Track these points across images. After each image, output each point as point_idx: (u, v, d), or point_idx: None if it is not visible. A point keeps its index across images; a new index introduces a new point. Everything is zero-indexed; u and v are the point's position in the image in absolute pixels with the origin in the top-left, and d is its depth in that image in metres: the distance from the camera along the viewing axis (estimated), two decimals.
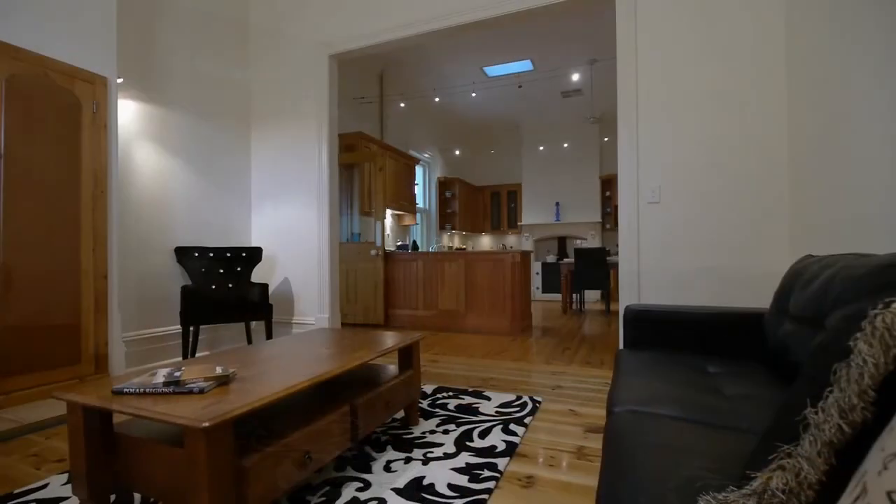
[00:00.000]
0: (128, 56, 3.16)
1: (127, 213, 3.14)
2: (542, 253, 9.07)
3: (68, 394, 1.20)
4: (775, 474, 0.57)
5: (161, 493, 1.16)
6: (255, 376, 1.36)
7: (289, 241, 4.08)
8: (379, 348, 1.78)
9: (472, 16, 3.33)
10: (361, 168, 5.55)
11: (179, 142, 3.54)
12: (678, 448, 0.90)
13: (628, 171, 2.92)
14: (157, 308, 3.35)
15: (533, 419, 2.13)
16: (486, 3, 3.26)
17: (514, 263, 4.54)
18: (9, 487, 1.55)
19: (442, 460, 1.67)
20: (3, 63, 2.27)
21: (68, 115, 2.54)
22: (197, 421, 0.98)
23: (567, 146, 8.65)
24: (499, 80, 6.87)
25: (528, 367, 3.19)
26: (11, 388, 2.27)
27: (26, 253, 2.34)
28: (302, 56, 4.02)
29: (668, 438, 0.95)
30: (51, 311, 2.44)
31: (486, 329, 4.65)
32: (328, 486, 1.49)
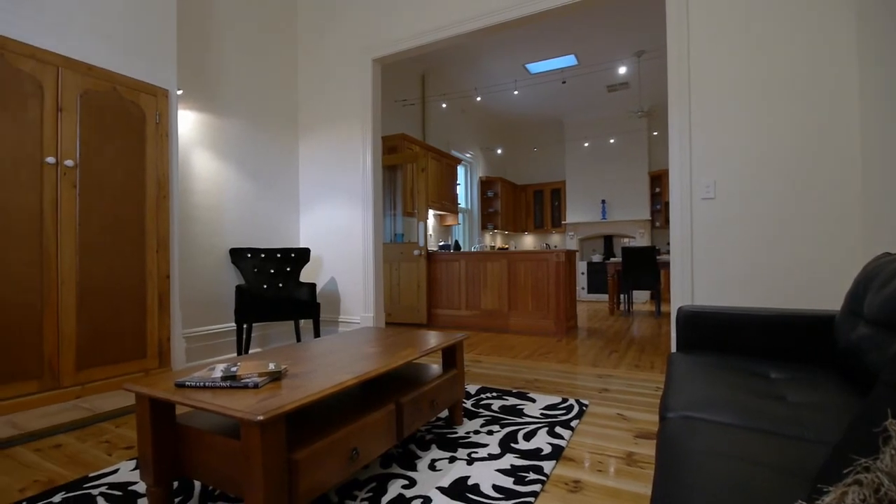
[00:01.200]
0: (186, 69, 3.36)
1: (186, 217, 3.34)
2: (587, 252, 8.85)
3: (136, 386, 1.28)
4: (851, 489, 0.52)
5: (219, 481, 1.22)
6: (305, 373, 1.40)
7: (335, 242, 4.19)
8: (423, 348, 1.79)
9: (513, 13, 3.29)
10: (404, 169, 5.62)
11: (232, 148, 3.72)
12: (739, 457, 0.85)
13: (680, 166, 2.80)
14: (213, 306, 3.54)
15: (579, 423, 2.08)
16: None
17: (559, 263, 4.45)
18: (84, 471, 1.68)
19: (486, 461, 1.66)
20: (78, 80, 2.46)
21: (134, 126, 2.73)
22: (252, 414, 1.02)
23: (613, 142, 8.39)
24: (541, 77, 6.77)
25: (574, 369, 3.12)
26: (86, 380, 2.47)
27: (99, 255, 2.53)
28: (346, 61, 4.12)
29: (727, 447, 0.90)
30: (120, 310, 2.63)
31: (529, 330, 4.59)
32: (374, 481, 1.52)
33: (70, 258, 2.41)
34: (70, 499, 1.46)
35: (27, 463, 1.75)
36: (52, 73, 2.36)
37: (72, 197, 2.42)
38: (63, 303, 2.37)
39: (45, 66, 2.34)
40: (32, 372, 2.26)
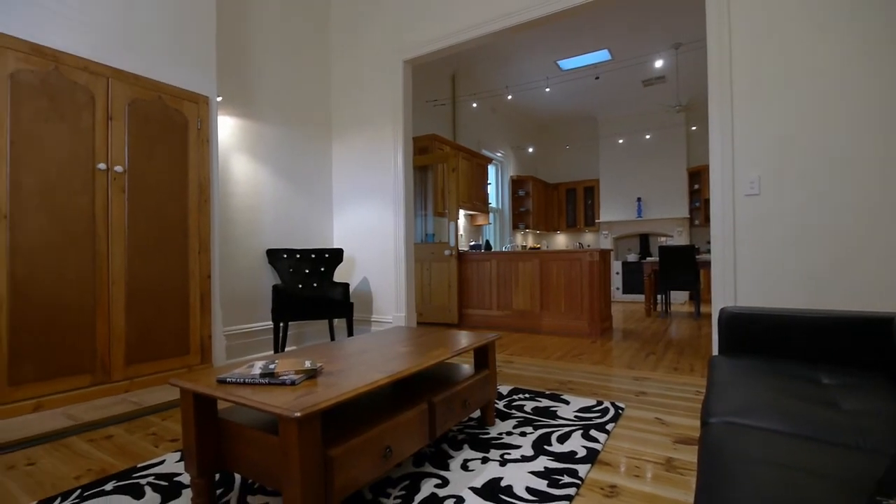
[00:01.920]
0: (225, 77, 3.48)
1: (225, 219, 3.46)
2: (622, 251, 8.64)
3: (181, 381, 1.33)
4: None
5: (258, 475, 1.26)
6: (340, 371, 1.43)
7: (367, 242, 4.25)
8: (455, 347, 1.79)
9: (545, 9, 3.25)
10: (435, 169, 5.64)
11: (269, 152, 3.83)
12: (789, 466, 0.81)
13: (721, 161, 2.69)
14: (251, 305, 3.66)
15: (615, 426, 2.03)
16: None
17: (593, 262, 4.36)
18: (133, 461, 1.77)
19: (520, 463, 1.65)
20: (126, 90, 2.59)
21: (177, 133, 2.85)
22: (290, 411, 1.05)
23: (649, 137, 8.16)
24: (574, 73, 6.66)
25: (609, 371, 3.05)
26: (134, 375, 2.59)
27: (145, 256, 2.66)
28: (377, 64, 4.17)
29: (775, 455, 0.86)
30: (165, 308, 2.75)
31: (562, 330, 4.52)
32: (407, 479, 1.53)
33: (120, 259, 2.54)
34: (120, 487, 1.53)
35: (81, 452, 1.85)
36: (102, 84, 2.49)
37: (121, 201, 2.55)
38: (113, 301, 2.50)
39: (97, 77, 2.47)
40: (86, 367, 2.39)
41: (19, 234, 2.18)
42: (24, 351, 2.18)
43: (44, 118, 2.27)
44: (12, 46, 2.18)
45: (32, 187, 2.23)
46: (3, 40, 2.15)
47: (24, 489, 1.55)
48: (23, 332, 2.18)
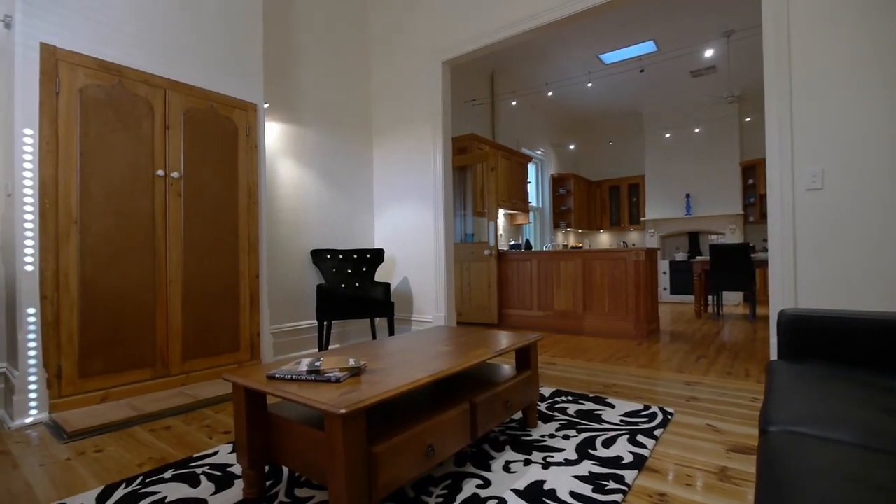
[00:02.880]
0: (271, 84, 3.62)
1: (272, 221, 3.60)
2: (669, 250, 8.32)
3: (234, 377, 1.39)
4: None
5: (304, 468, 1.29)
6: (382, 369, 1.45)
7: (407, 243, 4.29)
8: (496, 348, 1.78)
9: (585, 3, 3.17)
10: (474, 169, 5.63)
11: (313, 155, 3.95)
12: (857, 480, 0.75)
13: (780, 154, 2.53)
14: (296, 304, 3.78)
15: (664, 432, 1.95)
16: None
17: (638, 262, 4.22)
18: (189, 451, 1.86)
19: (563, 466, 1.61)
20: (181, 100, 2.74)
21: (228, 139, 2.98)
22: (335, 407, 1.07)
23: (699, 131, 7.81)
24: (617, 67, 6.47)
25: (656, 374, 2.94)
26: (190, 370, 2.74)
27: (199, 257, 2.80)
28: (416, 66, 4.21)
29: (843, 468, 0.80)
30: (218, 307, 2.89)
31: (606, 332, 4.40)
32: (449, 479, 1.53)
33: (177, 259, 2.69)
34: (178, 476, 1.62)
35: (143, 441, 1.97)
36: (160, 95, 2.65)
37: (177, 205, 2.70)
38: (171, 300, 2.65)
39: (155, 89, 2.63)
40: (147, 361, 2.55)
41: (88, 237, 2.35)
42: (93, 346, 2.35)
43: (109, 129, 2.44)
44: (82, 63, 2.35)
45: (99, 193, 2.40)
46: (74, 58, 2.32)
47: (92, 474, 1.67)
48: (91, 328, 2.35)
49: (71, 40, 2.33)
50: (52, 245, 2.24)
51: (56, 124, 2.26)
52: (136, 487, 1.54)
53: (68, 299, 2.28)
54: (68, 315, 2.27)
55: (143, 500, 1.45)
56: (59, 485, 1.59)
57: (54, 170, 2.25)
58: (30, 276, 2.18)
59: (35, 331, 2.18)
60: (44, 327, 2.20)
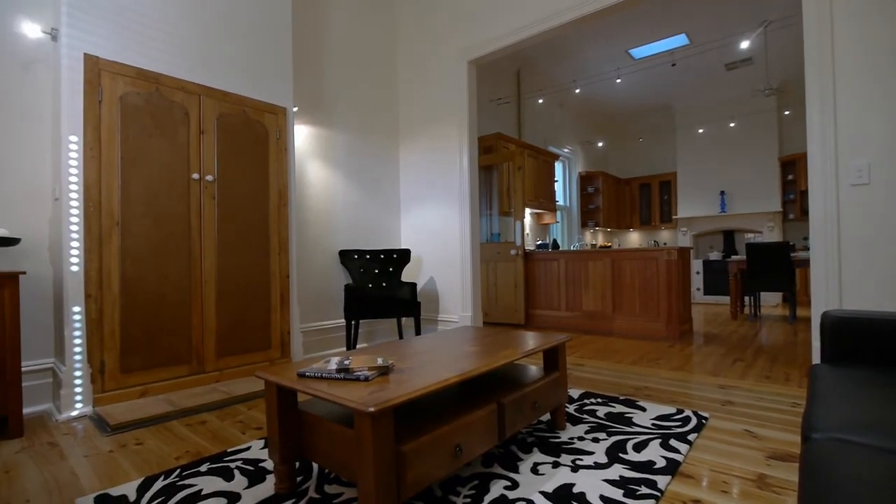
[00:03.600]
0: (300, 88, 3.69)
1: (301, 222, 3.67)
2: (703, 249, 8.07)
3: (266, 374, 1.43)
4: None
5: (334, 465, 1.31)
6: (410, 369, 1.45)
7: (433, 243, 4.31)
8: (524, 348, 1.76)
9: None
10: (500, 168, 5.60)
11: (340, 157, 4.01)
12: None
13: (822, 147, 2.42)
14: (325, 304, 3.84)
15: (698, 437, 1.89)
16: None
17: (670, 261, 4.11)
18: (224, 446, 1.92)
19: (593, 469, 1.58)
20: (215, 105, 2.83)
21: (259, 143, 3.06)
22: (364, 405, 1.08)
23: (734, 126, 7.54)
24: (647, 62, 6.32)
25: (689, 377, 2.85)
26: (224, 367, 2.82)
27: (232, 257, 2.89)
28: (442, 66, 4.21)
29: (893, 477, 0.75)
30: (250, 306, 2.96)
31: (636, 333, 4.30)
32: (476, 479, 1.52)
33: (211, 260, 2.77)
34: (213, 469, 1.67)
35: (180, 435, 2.04)
36: (195, 101, 2.74)
37: (211, 207, 2.79)
38: (206, 299, 2.74)
39: (191, 95, 2.72)
40: (183, 358, 2.64)
41: (129, 238, 2.45)
42: (133, 343, 2.45)
43: (147, 134, 2.54)
44: (122, 72, 2.45)
45: (138, 196, 2.50)
46: (115, 67, 2.43)
47: (133, 466, 1.74)
48: (131, 326, 2.45)
49: (112, 50, 2.44)
50: (96, 246, 2.34)
51: (99, 131, 2.37)
52: (173, 480, 1.59)
53: (110, 297, 2.38)
54: (110, 313, 2.38)
55: (180, 493, 1.50)
56: (102, 475, 1.67)
57: (97, 174, 2.36)
58: (75, 276, 2.29)
59: (80, 328, 2.29)
60: (88, 324, 2.31)
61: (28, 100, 2.47)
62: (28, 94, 2.47)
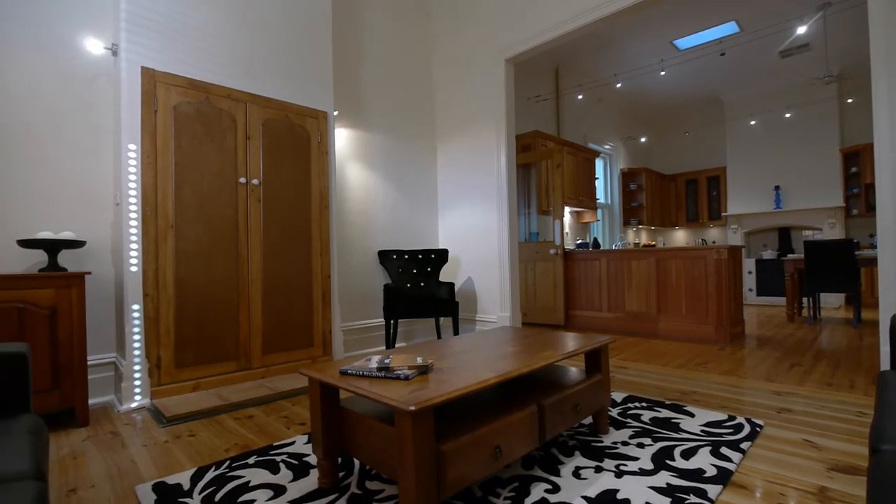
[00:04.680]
0: (340, 92, 3.78)
1: (342, 223, 3.75)
2: (755, 248, 7.66)
3: (310, 371, 1.47)
4: None
5: (374, 462, 1.33)
6: (449, 368, 1.45)
7: (471, 243, 4.30)
8: (565, 350, 1.73)
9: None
10: (538, 166, 5.52)
11: (379, 159, 4.07)
12: None
13: (891, 136, 2.24)
14: (364, 303, 3.91)
15: (751, 445, 1.79)
16: None
17: (720, 260, 3.92)
18: (269, 440, 1.99)
19: (638, 476, 1.53)
20: (260, 112, 2.94)
21: (301, 146, 3.15)
22: (405, 404, 1.09)
23: (790, 116, 7.11)
24: (693, 52, 6.06)
25: (741, 382, 2.71)
26: (269, 363, 2.92)
27: (277, 258, 2.99)
28: (478, 66, 4.20)
29: None
30: (293, 305, 3.06)
31: (683, 335, 4.13)
32: (516, 481, 1.51)
33: (257, 260, 2.88)
34: (260, 462, 1.73)
35: (229, 429, 2.13)
36: (242, 108, 2.85)
37: (257, 210, 2.89)
38: (252, 298, 2.85)
39: (237, 103, 2.83)
40: (232, 355, 2.75)
41: (181, 240, 2.59)
42: (186, 339, 2.58)
43: (198, 141, 2.66)
44: (175, 83, 2.59)
45: (190, 200, 2.63)
46: (168, 79, 2.57)
47: (187, 456, 1.83)
48: (185, 323, 2.58)
49: (165, 63, 2.58)
50: (153, 248, 2.48)
51: (154, 139, 2.51)
52: (223, 471, 1.66)
53: (166, 296, 2.52)
54: (166, 311, 2.51)
55: (229, 484, 1.56)
56: (158, 464, 1.76)
57: (153, 179, 2.50)
58: (134, 276, 2.43)
59: (139, 325, 2.44)
60: (146, 322, 2.45)
61: (92, 112, 2.65)
62: (91, 106, 2.65)
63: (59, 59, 2.54)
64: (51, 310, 2.13)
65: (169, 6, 2.60)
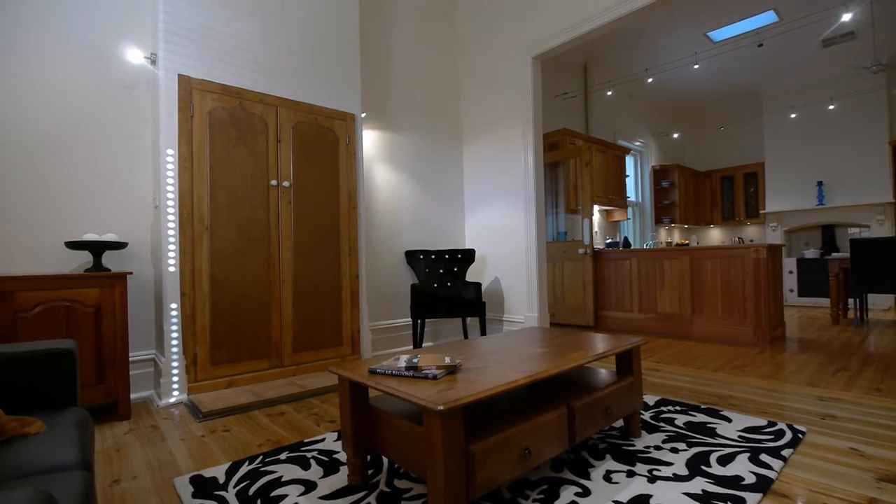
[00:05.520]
0: (367, 94, 3.82)
1: (369, 223, 3.79)
2: (797, 246, 7.34)
3: (340, 370, 1.49)
4: None
5: (402, 460, 1.34)
6: (478, 368, 1.45)
7: (498, 242, 4.27)
8: (595, 351, 1.70)
9: None
10: (566, 165, 5.44)
11: (406, 159, 4.10)
12: None
13: None
14: (392, 303, 3.94)
15: (793, 452, 1.72)
16: None
17: (758, 259, 3.77)
18: (300, 437, 2.03)
19: (672, 482, 1.49)
20: (290, 115, 3.00)
21: (329, 149, 3.20)
22: (434, 404, 1.09)
23: (833, 108, 6.78)
24: (729, 44, 5.86)
25: (782, 387, 2.60)
26: (300, 361, 2.98)
27: (307, 258, 3.04)
28: (505, 64, 4.17)
29: None
30: (322, 304, 3.11)
31: (718, 337, 3.99)
32: (545, 484, 1.49)
33: (287, 260, 2.94)
34: (291, 458, 1.77)
35: (262, 425, 2.19)
36: (273, 112, 2.92)
37: (288, 211, 2.96)
38: (283, 297, 2.91)
39: (268, 107, 2.90)
40: (264, 352, 2.82)
41: (216, 241, 2.67)
42: (221, 337, 2.66)
43: (232, 145, 2.74)
44: (210, 89, 2.67)
45: (224, 203, 2.71)
46: (203, 85, 2.65)
47: (222, 451, 1.89)
48: (219, 322, 2.66)
49: (201, 70, 2.66)
50: (189, 248, 2.57)
51: (191, 143, 2.60)
52: (257, 465, 1.71)
53: (202, 296, 2.60)
54: (202, 310, 2.60)
55: (262, 478, 1.60)
56: (195, 458, 1.82)
57: (190, 183, 2.59)
58: (172, 276, 2.53)
59: (176, 323, 2.53)
60: (183, 320, 2.54)
61: (132, 119, 2.76)
62: (131, 113, 2.76)
63: (101, 69, 2.66)
64: (96, 308, 2.24)
65: (203, 16, 2.68)
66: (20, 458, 0.92)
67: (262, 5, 2.92)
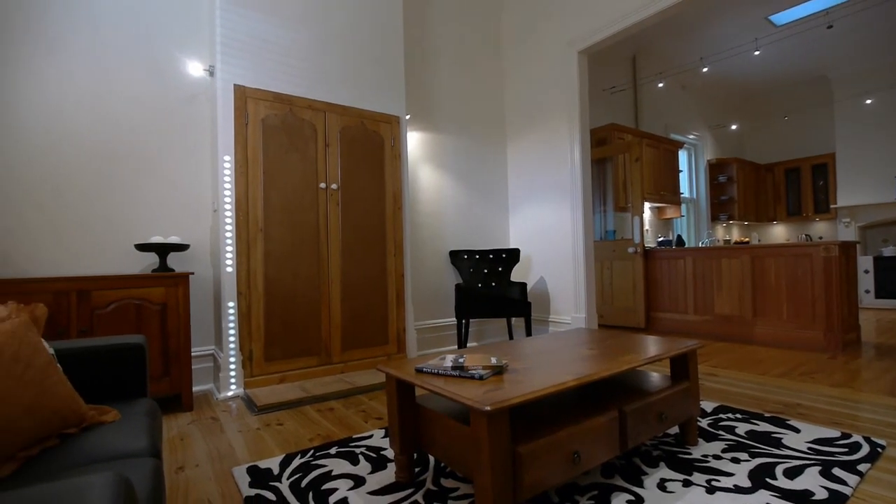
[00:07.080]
0: (411, 96, 3.86)
1: (414, 224, 3.83)
2: (874, 244, 6.74)
3: (387, 368, 1.51)
4: None
5: (449, 460, 1.34)
6: (524, 369, 1.43)
7: (543, 242, 4.20)
8: (648, 354, 1.63)
9: None
10: (615, 161, 5.27)
11: (450, 160, 4.11)
12: None
13: None
14: (436, 302, 3.96)
15: (871, 467, 1.57)
16: None
17: (829, 258, 3.50)
18: (349, 432, 2.08)
19: (733, 493, 1.40)
20: (337, 119, 3.08)
21: (375, 151, 3.27)
22: (481, 404, 1.09)
23: None
24: (794, 27, 5.47)
25: (857, 396, 2.39)
26: (348, 359, 3.06)
27: (354, 258, 3.12)
28: (549, 61, 4.09)
29: None
30: (369, 303, 3.18)
31: (784, 342, 3.73)
32: (595, 490, 1.44)
33: (336, 261, 3.03)
34: (341, 453, 1.81)
35: (312, 420, 2.26)
36: (321, 117, 3.01)
37: (336, 213, 3.04)
38: (332, 297, 3.00)
39: (317, 112, 3.00)
40: (314, 350, 2.92)
41: (269, 242, 2.78)
42: (274, 335, 2.77)
43: (284, 150, 2.85)
44: (263, 98, 2.79)
45: (277, 205, 2.82)
46: (257, 94, 2.77)
47: (276, 443, 1.97)
48: (272, 320, 2.77)
49: (254, 79, 2.79)
50: (245, 250, 2.70)
51: (246, 150, 2.72)
52: (308, 459, 1.77)
53: (256, 295, 2.72)
54: (257, 308, 2.72)
55: (314, 471, 1.65)
56: (252, 450, 1.91)
57: (245, 187, 2.71)
58: (229, 276, 2.66)
59: (233, 320, 2.66)
60: (239, 318, 2.67)
61: (193, 128, 2.94)
62: (192, 123, 2.94)
63: (164, 82, 2.85)
64: (161, 305, 2.40)
65: (256, 27, 2.81)
66: (97, 444, 1.00)
67: (308, 14, 3.02)
